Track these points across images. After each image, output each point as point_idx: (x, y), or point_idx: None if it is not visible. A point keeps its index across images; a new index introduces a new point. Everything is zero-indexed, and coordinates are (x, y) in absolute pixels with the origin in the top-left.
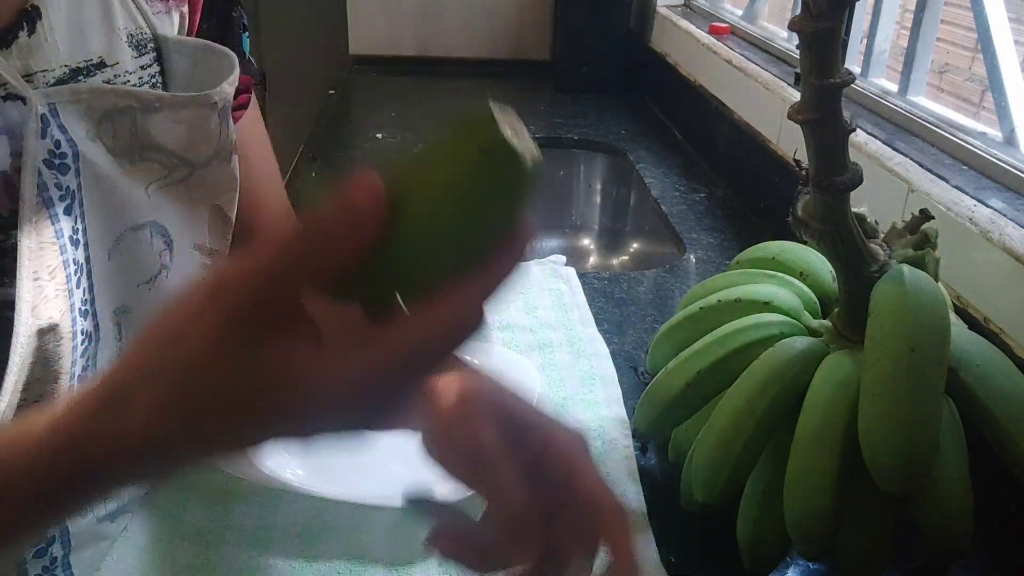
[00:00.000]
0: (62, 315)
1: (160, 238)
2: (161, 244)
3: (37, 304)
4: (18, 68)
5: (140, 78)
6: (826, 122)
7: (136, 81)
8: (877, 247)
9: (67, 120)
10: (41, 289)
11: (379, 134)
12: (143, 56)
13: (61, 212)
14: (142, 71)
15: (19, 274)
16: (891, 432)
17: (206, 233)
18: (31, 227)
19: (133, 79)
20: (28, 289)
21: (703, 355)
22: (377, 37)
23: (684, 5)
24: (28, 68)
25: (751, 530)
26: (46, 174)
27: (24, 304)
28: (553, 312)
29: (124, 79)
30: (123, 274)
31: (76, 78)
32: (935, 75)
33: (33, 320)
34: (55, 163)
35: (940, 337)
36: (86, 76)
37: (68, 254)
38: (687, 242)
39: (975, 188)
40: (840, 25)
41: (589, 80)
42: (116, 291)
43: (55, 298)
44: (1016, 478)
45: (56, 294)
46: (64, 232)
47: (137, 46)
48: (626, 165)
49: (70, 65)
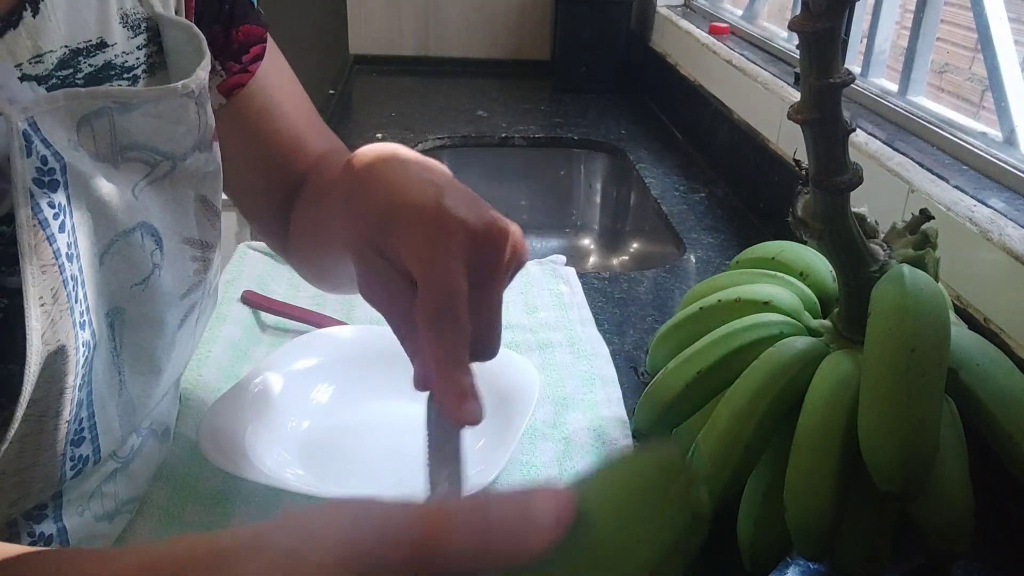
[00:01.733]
0: (66, 335)
1: (150, 238)
2: (152, 244)
3: (45, 330)
4: (29, 48)
5: (137, 59)
6: (826, 122)
7: (133, 62)
8: (877, 247)
9: (48, 132)
10: (47, 314)
11: (379, 134)
12: (137, 36)
13: (56, 231)
14: (138, 51)
15: (27, 303)
16: (891, 432)
17: (194, 225)
18: (31, 252)
19: (130, 60)
20: (36, 316)
21: (703, 355)
22: (377, 37)
23: (684, 5)
24: (38, 48)
25: (751, 530)
26: (37, 194)
27: (34, 333)
28: (553, 312)
29: (122, 60)
30: (116, 278)
31: (76, 59)
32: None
33: (44, 348)
34: (44, 181)
35: (940, 337)
36: (86, 57)
37: (67, 272)
38: (687, 242)
39: (975, 188)
40: (840, 25)
41: (589, 80)
42: (109, 295)
43: (60, 320)
44: (1016, 478)
45: (60, 316)
46: (62, 251)
47: (132, 26)
48: (626, 165)
49: (70, 46)
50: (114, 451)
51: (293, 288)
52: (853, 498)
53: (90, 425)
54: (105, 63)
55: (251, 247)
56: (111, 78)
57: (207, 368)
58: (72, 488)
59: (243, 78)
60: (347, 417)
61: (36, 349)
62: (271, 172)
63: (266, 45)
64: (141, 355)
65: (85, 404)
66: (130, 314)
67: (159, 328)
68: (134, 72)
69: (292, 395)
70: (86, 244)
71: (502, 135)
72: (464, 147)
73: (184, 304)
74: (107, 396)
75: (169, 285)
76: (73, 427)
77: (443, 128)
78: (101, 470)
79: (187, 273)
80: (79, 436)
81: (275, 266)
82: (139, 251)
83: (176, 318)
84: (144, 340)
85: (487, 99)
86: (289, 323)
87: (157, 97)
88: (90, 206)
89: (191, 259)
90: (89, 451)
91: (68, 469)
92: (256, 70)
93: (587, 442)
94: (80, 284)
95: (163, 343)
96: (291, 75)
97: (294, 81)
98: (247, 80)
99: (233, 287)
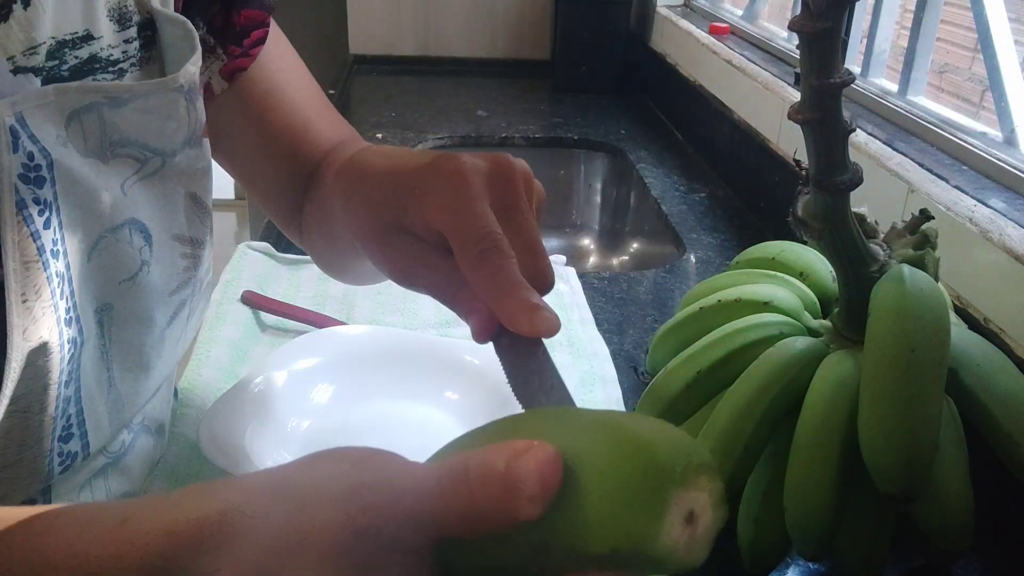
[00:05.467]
0: (50, 331)
1: (139, 234)
2: (140, 240)
3: (27, 327)
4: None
5: (124, 52)
6: (826, 122)
7: (119, 56)
8: (877, 247)
9: (36, 128)
10: (30, 311)
11: (379, 134)
12: (126, 30)
13: (41, 227)
14: (125, 45)
15: (8, 299)
16: (891, 433)
17: (184, 222)
18: (14, 248)
19: (116, 53)
20: (18, 313)
21: (703, 355)
22: (377, 37)
23: (684, 5)
24: (32, 40)
25: (751, 530)
26: (23, 190)
27: (15, 329)
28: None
29: (107, 53)
30: (104, 274)
31: (62, 51)
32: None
33: (25, 344)
34: (31, 176)
35: (940, 337)
36: (72, 49)
37: (51, 268)
38: (687, 242)
39: (975, 188)
40: (840, 25)
41: (589, 80)
42: (97, 291)
43: (43, 317)
44: (1016, 478)
45: (43, 312)
46: (46, 247)
47: (119, 19)
48: (626, 165)
49: (57, 37)
50: (104, 447)
51: (293, 288)
52: (853, 498)
53: (79, 421)
54: (90, 56)
55: (251, 247)
56: (95, 71)
57: (207, 368)
58: (61, 483)
59: (244, 62)
60: (347, 417)
61: (17, 346)
62: (279, 158)
63: (268, 30)
64: (130, 352)
65: (73, 400)
66: (118, 311)
67: (148, 325)
68: (120, 66)
69: (292, 395)
70: (73, 240)
71: (502, 135)
72: (464, 147)
73: (173, 301)
74: (96, 392)
75: (158, 282)
76: (60, 423)
77: (443, 128)
78: (91, 465)
79: (176, 270)
80: (67, 432)
81: (275, 266)
82: (127, 247)
83: (165, 315)
84: (133, 337)
85: (487, 99)
86: (289, 323)
87: (147, 92)
88: (78, 202)
89: (181, 256)
90: (78, 447)
91: (56, 465)
92: (257, 54)
93: None
94: (66, 281)
95: (152, 340)
96: (297, 61)
97: (300, 67)
98: (248, 64)
99: (233, 287)
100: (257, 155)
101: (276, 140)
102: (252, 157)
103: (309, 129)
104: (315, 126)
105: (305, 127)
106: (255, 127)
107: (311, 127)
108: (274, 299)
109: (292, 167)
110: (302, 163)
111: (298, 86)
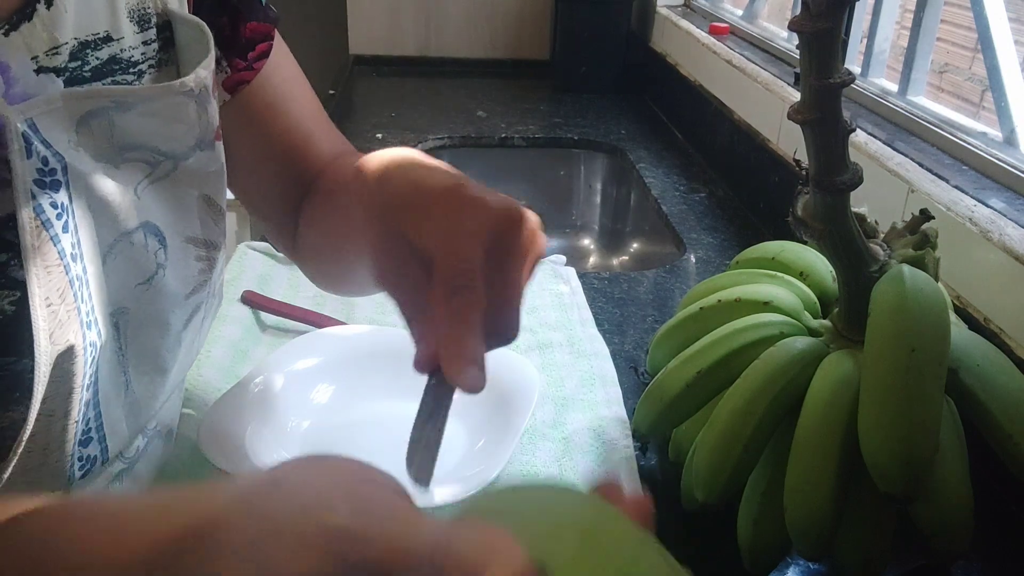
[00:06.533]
0: (75, 334)
1: (154, 238)
2: (155, 243)
3: (53, 330)
4: (45, 40)
5: (144, 54)
6: (826, 122)
7: (139, 57)
8: (877, 247)
9: (48, 133)
10: (55, 314)
11: (379, 134)
12: (145, 31)
13: (60, 231)
14: (144, 47)
15: (32, 303)
16: (891, 433)
17: (198, 225)
18: (35, 253)
19: (136, 55)
20: (43, 317)
21: (703, 355)
22: (377, 37)
23: (684, 5)
24: (55, 40)
25: (751, 530)
26: (40, 194)
27: (41, 333)
28: (553, 312)
29: (128, 54)
30: (119, 278)
31: (84, 51)
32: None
33: (52, 347)
34: (46, 181)
35: (940, 337)
36: (94, 50)
37: (72, 272)
38: (687, 242)
39: (975, 188)
40: (840, 25)
41: (589, 80)
42: (113, 294)
43: (68, 320)
44: (1016, 478)
45: (68, 316)
46: (66, 251)
47: (140, 21)
48: (626, 165)
49: (79, 38)
50: (121, 451)
51: (293, 288)
52: (853, 498)
53: (97, 425)
54: (111, 57)
55: (251, 247)
56: (115, 72)
57: (207, 368)
58: (80, 489)
59: (248, 75)
60: (347, 417)
61: (44, 349)
62: (279, 170)
63: (272, 43)
64: (146, 355)
65: (92, 404)
66: (135, 314)
67: (164, 328)
68: (139, 67)
69: (292, 395)
70: (89, 244)
71: (502, 135)
72: (464, 147)
73: (189, 304)
74: (113, 396)
75: (173, 285)
76: (80, 427)
77: (443, 128)
78: (108, 471)
79: (192, 273)
80: (86, 436)
81: (275, 266)
82: (142, 251)
83: (181, 318)
84: (149, 340)
85: (487, 99)
86: (289, 323)
87: (154, 95)
88: (92, 206)
89: (195, 259)
90: (97, 451)
91: (77, 470)
92: (261, 68)
93: (587, 442)
94: (85, 284)
95: (168, 343)
96: (298, 72)
97: (301, 78)
98: (251, 77)
99: (233, 287)
100: (256, 166)
101: (277, 152)
102: (250, 168)
103: (310, 142)
104: (315, 139)
105: (306, 140)
106: (255, 138)
107: (312, 140)
108: (274, 299)
109: (290, 179)
110: (301, 175)
111: (300, 99)
